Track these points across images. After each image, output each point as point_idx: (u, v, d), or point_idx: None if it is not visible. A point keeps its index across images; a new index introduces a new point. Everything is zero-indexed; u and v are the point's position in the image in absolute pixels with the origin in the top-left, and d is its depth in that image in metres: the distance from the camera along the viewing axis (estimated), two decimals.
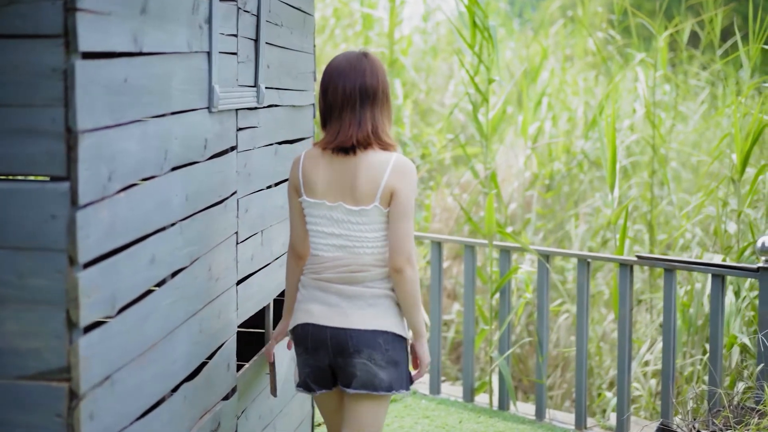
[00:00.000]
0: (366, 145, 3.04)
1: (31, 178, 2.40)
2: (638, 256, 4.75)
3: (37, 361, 2.24)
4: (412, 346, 3.17)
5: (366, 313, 3.01)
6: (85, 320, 2.27)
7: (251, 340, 4.21)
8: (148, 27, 2.56)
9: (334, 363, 3.06)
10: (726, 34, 10.13)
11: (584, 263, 4.96)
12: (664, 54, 7.10)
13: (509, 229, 7.37)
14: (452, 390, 5.71)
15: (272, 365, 3.59)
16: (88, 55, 2.30)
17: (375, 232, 3.04)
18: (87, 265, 2.28)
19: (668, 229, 7.40)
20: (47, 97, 2.19)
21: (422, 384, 5.68)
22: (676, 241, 6.94)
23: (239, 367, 3.86)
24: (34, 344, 2.24)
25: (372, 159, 3.04)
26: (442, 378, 6.05)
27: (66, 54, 2.18)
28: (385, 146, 3.08)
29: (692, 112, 8.80)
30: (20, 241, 2.22)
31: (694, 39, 10.69)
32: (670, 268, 4.65)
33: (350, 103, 3.04)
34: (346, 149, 3.04)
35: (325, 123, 3.13)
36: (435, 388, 5.55)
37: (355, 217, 3.02)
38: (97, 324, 2.37)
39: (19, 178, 2.32)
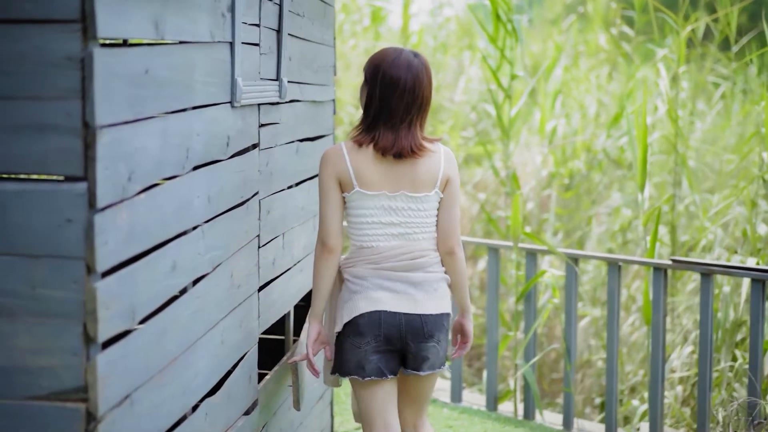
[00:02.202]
0: (419, 150, 3.07)
1: (44, 178, 2.18)
2: (673, 260, 4.53)
3: (51, 380, 2.03)
4: (462, 323, 3.30)
5: (432, 297, 3.10)
6: (103, 335, 2.06)
7: (270, 347, 3.99)
8: (170, 13, 2.34)
9: (406, 348, 3.08)
10: (738, 31, 9.91)
11: (615, 267, 4.74)
12: (682, 50, 6.88)
13: (527, 230, 7.15)
14: (474, 398, 5.49)
15: (296, 376, 3.38)
16: (106, 43, 2.09)
17: (431, 217, 3.13)
18: (105, 273, 2.07)
19: (690, 230, 7.17)
20: (62, 88, 1.98)
21: (443, 391, 5.47)
22: (697, 243, 6.72)
23: (259, 377, 3.66)
24: (47, 361, 2.03)
25: (426, 153, 3.09)
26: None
27: (83, 41, 1.97)
28: (429, 141, 3.14)
29: (708, 110, 8.57)
30: (32, 248, 2.01)
31: (704, 36, 10.47)
32: (708, 273, 4.42)
33: (410, 115, 3.05)
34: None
35: (375, 122, 3.06)
36: (456, 396, 5.33)
37: (416, 204, 3.09)
38: (114, 338, 2.16)
39: (31, 178, 2.11)
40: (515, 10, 11.03)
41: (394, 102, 3.03)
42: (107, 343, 2.11)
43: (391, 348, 3.08)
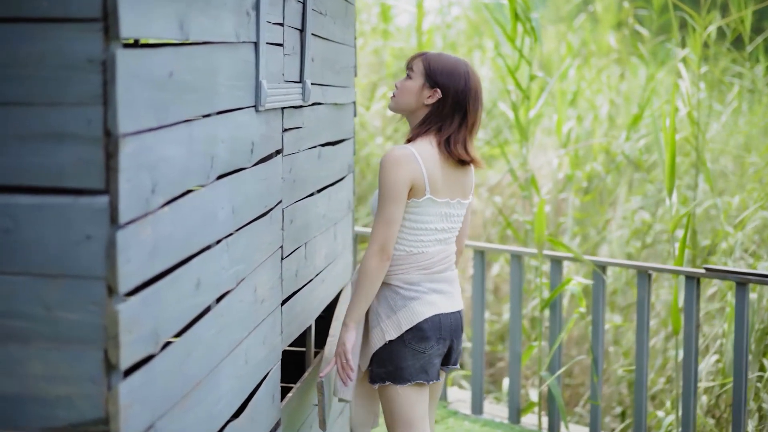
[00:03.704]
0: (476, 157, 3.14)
1: (62, 189, 2.01)
2: (706, 269, 4.36)
3: (68, 411, 1.87)
4: None
5: (459, 294, 3.19)
6: (126, 361, 1.89)
7: (289, 360, 3.82)
8: (195, 11, 2.18)
9: (452, 345, 3.15)
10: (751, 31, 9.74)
11: (645, 275, 4.57)
12: (700, 50, 6.69)
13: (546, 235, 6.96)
14: (495, 409, 5.31)
15: (321, 395, 3.21)
16: (128, 44, 1.93)
17: (461, 223, 3.18)
18: (128, 294, 1.91)
19: (710, 234, 6.99)
20: (82, 93, 1.81)
21: (463, 403, 5.30)
22: (717, 245, 6.53)
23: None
24: (64, 390, 1.87)
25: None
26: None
27: (105, 41, 1.80)
28: None
29: (723, 108, 8.39)
30: (48, 267, 1.84)
31: (715, 37, 10.29)
32: (743, 282, 4.25)
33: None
34: None
35: (458, 132, 3.03)
36: (477, 408, 5.16)
37: (462, 210, 3.14)
38: (136, 364, 1.99)
39: (48, 190, 1.94)
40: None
41: (479, 115, 3.07)
42: (129, 370, 1.95)
43: (445, 350, 3.12)
